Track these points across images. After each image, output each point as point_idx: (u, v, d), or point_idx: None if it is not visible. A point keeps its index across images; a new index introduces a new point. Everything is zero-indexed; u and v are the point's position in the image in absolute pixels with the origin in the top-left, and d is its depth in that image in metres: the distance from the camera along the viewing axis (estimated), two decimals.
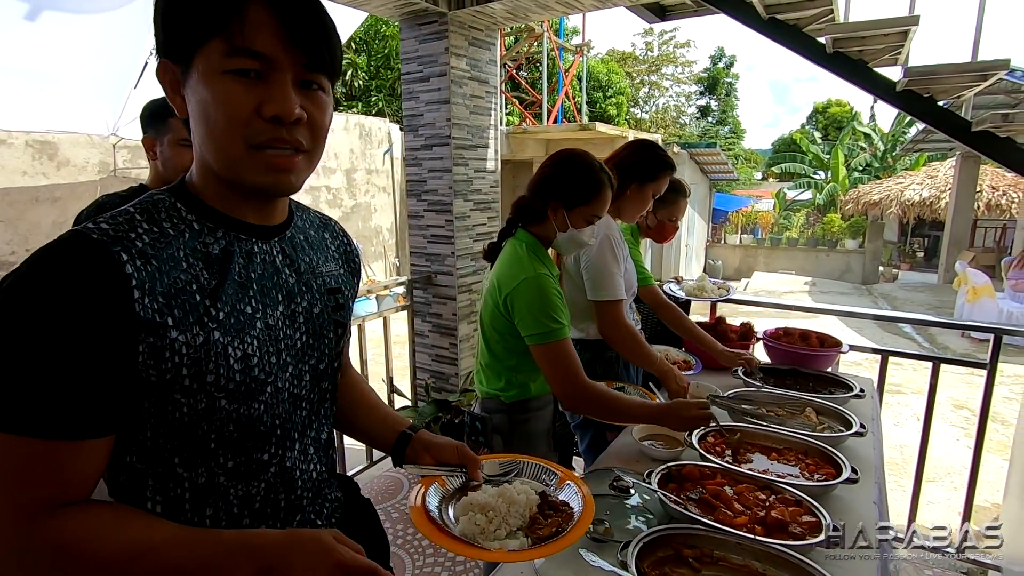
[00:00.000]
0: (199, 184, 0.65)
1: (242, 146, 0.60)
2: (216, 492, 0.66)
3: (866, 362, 4.65)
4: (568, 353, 1.31)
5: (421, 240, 3.32)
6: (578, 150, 1.47)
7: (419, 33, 3.05)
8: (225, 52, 0.57)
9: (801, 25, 2.22)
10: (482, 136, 3.30)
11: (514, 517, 0.87)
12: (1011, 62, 2.00)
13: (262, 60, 0.58)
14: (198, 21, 0.58)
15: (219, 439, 0.64)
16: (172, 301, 0.59)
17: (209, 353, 0.61)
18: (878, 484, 1.30)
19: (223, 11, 0.57)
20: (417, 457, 0.92)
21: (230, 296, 0.64)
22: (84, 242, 0.55)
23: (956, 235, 10.58)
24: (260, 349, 0.66)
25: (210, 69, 0.58)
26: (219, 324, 0.62)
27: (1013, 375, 4.96)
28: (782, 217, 16.25)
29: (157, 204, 0.63)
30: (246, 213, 0.67)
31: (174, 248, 0.61)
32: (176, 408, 0.61)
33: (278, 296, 0.69)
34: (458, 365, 3.31)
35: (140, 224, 0.60)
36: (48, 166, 5.19)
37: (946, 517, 2.88)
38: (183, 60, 0.59)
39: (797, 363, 1.92)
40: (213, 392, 0.62)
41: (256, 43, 0.57)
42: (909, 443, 3.71)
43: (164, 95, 0.64)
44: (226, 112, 0.58)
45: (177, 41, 0.59)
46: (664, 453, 1.37)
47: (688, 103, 27.20)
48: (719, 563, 0.95)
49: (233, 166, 0.61)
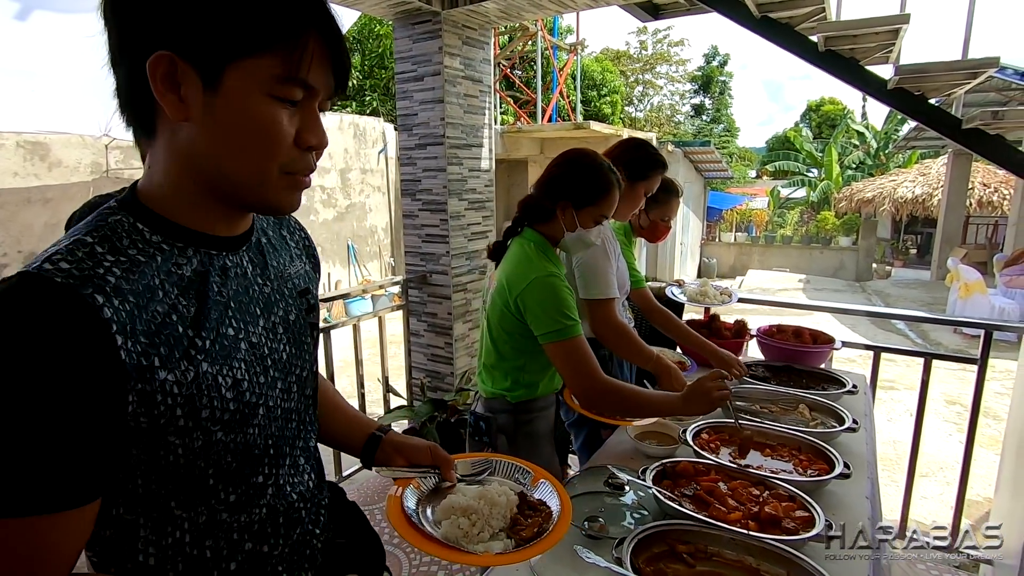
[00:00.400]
0: (161, 196, 0.58)
1: (276, 171, 0.58)
2: (218, 527, 0.63)
3: (859, 359, 4.67)
4: (584, 350, 1.31)
5: (416, 239, 3.32)
6: (588, 150, 1.47)
7: (413, 32, 3.05)
8: (278, 77, 0.54)
9: (793, 23, 2.23)
10: (476, 135, 3.30)
11: (496, 519, 0.87)
12: (1001, 60, 2.02)
13: (309, 91, 0.57)
14: (248, 32, 0.52)
15: (217, 472, 0.61)
16: (155, 339, 0.53)
17: (201, 387, 0.56)
18: (871, 479, 1.31)
19: (282, 32, 0.53)
20: (388, 459, 0.89)
21: (212, 320, 0.59)
22: (47, 287, 0.48)
23: (948, 232, 10.66)
24: (248, 371, 0.62)
25: (253, 88, 0.54)
26: (206, 354, 0.57)
27: (1004, 370, 5.00)
28: (776, 215, 16.32)
29: (115, 228, 0.55)
30: (216, 226, 0.61)
31: (148, 277, 0.54)
32: (170, 451, 0.56)
33: (256, 310, 0.65)
34: (454, 364, 3.31)
35: (104, 257, 0.52)
36: (40, 167, 5.16)
37: (939, 512, 2.91)
38: (208, 64, 0.52)
39: (791, 360, 1.94)
40: (209, 426, 0.58)
41: (311, 76, 0.56)
42: (902, 439, 3.74)
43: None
44: (271, 138, 0.56)
45: (209, 43, 0.52)
46: (659, 450, 1.38)
47: (682, 102, 27.27)
48: (713, 558, 0.96)
49: (259, 187, 0.58)
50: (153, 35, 0.51)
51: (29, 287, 0.48)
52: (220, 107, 0.53)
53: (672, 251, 11.27)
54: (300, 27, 0.53)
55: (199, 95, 0.53)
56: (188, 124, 0.54)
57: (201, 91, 0.53)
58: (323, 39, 0.55)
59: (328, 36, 0.56)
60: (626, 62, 24.60)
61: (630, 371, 1.94)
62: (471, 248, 3.34)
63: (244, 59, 0.52)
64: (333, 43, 0.56)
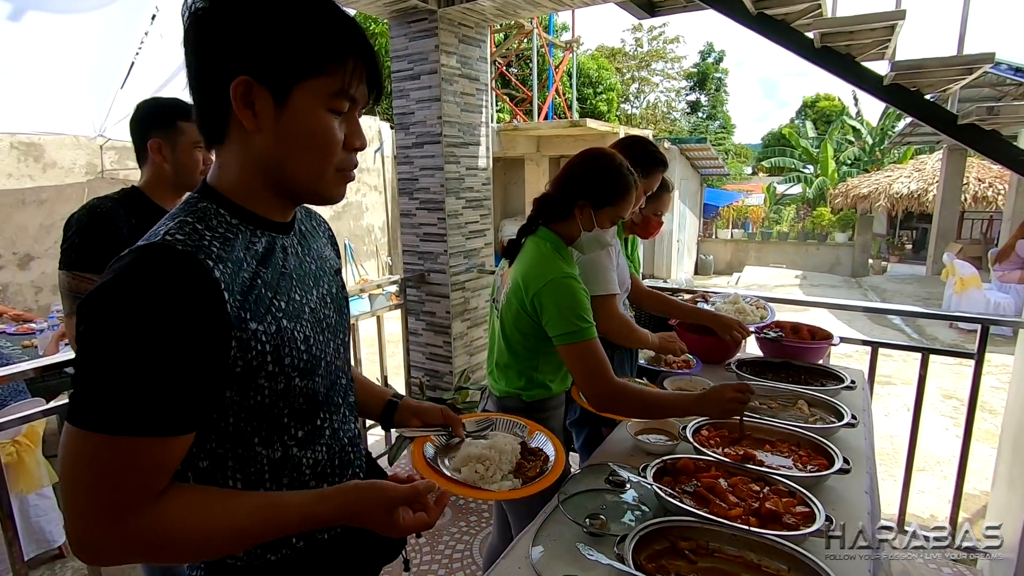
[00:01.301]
0: (232, 189, 0.71)
1: (332, 169, 0.70)
2: (290, 463, 0.75)
3: (856, 354, 4.69)
4: (598, 353, 1.31)
5: (413, 238, 3.31)
6: (608, 150, 1.47)
7: (409, 31, 3.04)
8: (332, 93, 0.66)
9: (789, 20, 2.23)
10: (473, 133, 3.30)
11: (505, 464, 1.05)
12: (996, 55, 2.02)
13: (353, 103, 0.70)
14: (307, 59, 0.65)
15: (291, 413, 0.73)
16: (248, 297, 0.66)
17: (283, 339, 0.69)
18: (869, 474, 1.31)
19: (332, 56, 0.65)
20: (405, 421, 1.06)
21: (283, 287, 0.72)
22: (172, 253, 0.61)
23: (944, 227, 10.69)
24: (313, 330, 0.75)
25: (314, 103, 0.66)
26: (284, 312, 0.70)
27: (1000, 365, 5.03)
28: (772, 211, 16.36)
29: (205, 212, 0.68)
30: (275, 214, 0.74)
31: (237, 250, 0.67)
32: (258, 392, 0.68)
33: (310, 282, 0.78)
34: (452, 363, 3.31)
35: (204, 233, 0.65)
36: (34, 168, 5.13)
37: (936, 506, 2.92)
38: (278, 85, 0.64)
39: (789, 356, 1.94)
40: (290, 372, 0.70)
41: (356, 91, 0.69)
42: (899, 433, 3.75)
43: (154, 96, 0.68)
44: (328, 143, 0.68)
45: (277, 69, 0.64)
46: (659, 447, 1.38)
47: (678, 98, 27.30)
48: (715, 554, 0.97)
49: (318, 183, 0.70)
50: (233, 64, 0.63)
51: (158, 253, 0.61)
52: (287, 120, 0.66)
53: (669, 248, 11.28)
54: (348, 51, 0.66)
55: (271, 110, 0.65)
56: (260, 134, 0.66)
57: (272, 107, 0.65)
58: (364, 60, 0.68)
59: (368, 57, 0.69)
60: (622, 59, 24.60)
61: (630, 367, 1.94)
62: (469, 247, 3.34)
63: (306, 80, 0.65)
64: (371, 63, 0.69)
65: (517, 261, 1.44)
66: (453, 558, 2.34)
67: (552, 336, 1.32)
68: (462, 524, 2.57)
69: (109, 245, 1.44)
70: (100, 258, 1.43)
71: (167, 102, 1.57)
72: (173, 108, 1.54)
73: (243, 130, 0.66)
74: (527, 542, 1.06)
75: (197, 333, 0.60)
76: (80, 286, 1.42)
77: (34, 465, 2.30)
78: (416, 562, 2.31)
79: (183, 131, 1.52)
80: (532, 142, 9.26)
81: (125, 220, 1.48)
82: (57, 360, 1.76)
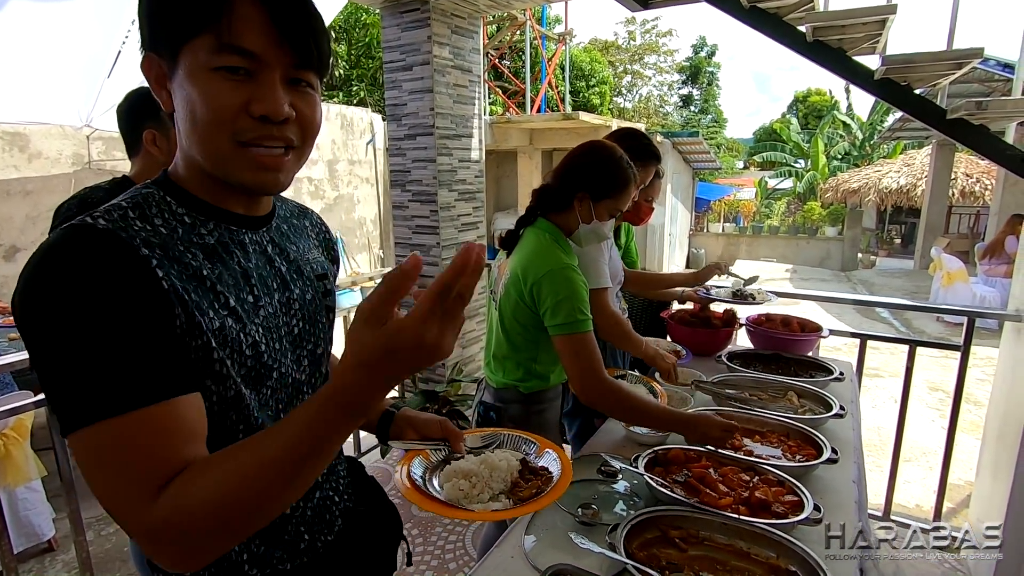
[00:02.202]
0: (185, 177, 0.65)
1: (229, 143, 0.59)
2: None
3: (845, 347, 4.74)
4: (592, 347, 1.31)
5: (406, 231, 3.30)
6: (608, 142, 1.47)
7: (401, 21, 3.01)
8: (213, 49, 0.56)
9: (781, 14, 2.24)
10: (466, 125, 3.29)
11: (496, 482, 0.95)
12: (985, 51, 2.04)
13: (251, 58, 0.57)
14: (185, 16, 0.56)
15: (247, 429, 0.65)
16: (188, 284, 0.59)
17: (226, 338, 0.61)
18: (857, 464, 1.33)
19: (211, 6, 0.56)
20: (401, 433, 0.94)
21: (231, 286, 0.64)
22: (92, 232, 0.55)
23: (932, 222, 10.80)
24: (265, 336, 0.66)
25: (197, 66, 0.57)
26: (229, 311, 0.62)
27: (985, 357, 5.10)
28: (763, 205, 16.43)
29: (147, 198, 0.62)
30: (234, 205, 0.67)
31: (174, 239, 0.61)
32: (208, 397, 0.61)
33: (273, 285, 0.70)
34: None
35: (134, 220, 0.59)
36: (19, 158, 5.05)
37: (922, 495, 2.97)
38: (169, 55, 0.58)
39: (779, 348, 1.96)
40: (234, 376, 0.62)
41: (245, 41, 0.56)
42: (886, 425, 3.80)
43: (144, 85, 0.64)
44: (213, 109, 0.57)
45: (163, 36, 0.58)
46: (651, 438, 1.39)
47: (671, 92, 27.29)
48: (705, 543, 0.98)
49: (220, 163, 0.61)
50: (144, 41, 0.60)
51: (78, 232, 0.54)
52: (177, 91, 0.59)
53: (661, 241, 11.32)
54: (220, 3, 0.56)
55: (167, 80, 0.60)
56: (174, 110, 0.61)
57: (168, 76, 0.60)
58: (256, 2, 0.57)
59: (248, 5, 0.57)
60: (614, 52, 24.53)
61: (623, 358, 1.95)
62: (461, 239, 3.33)
63: (189, 41, 0.57)
64: (270, 5, 0.57)
65: (516, 252, 1.44)
66: (446, 549, 2.35)
67: (548, 326, 1.33)
68: None
69: None
70: None
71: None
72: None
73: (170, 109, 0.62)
74: (520, 532, 1.06)
75: (130, 297, 0.53)
76: None
77: (22, 458, 2.28)
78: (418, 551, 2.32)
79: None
80: (525, 135, 9.23)
81: None
82: None
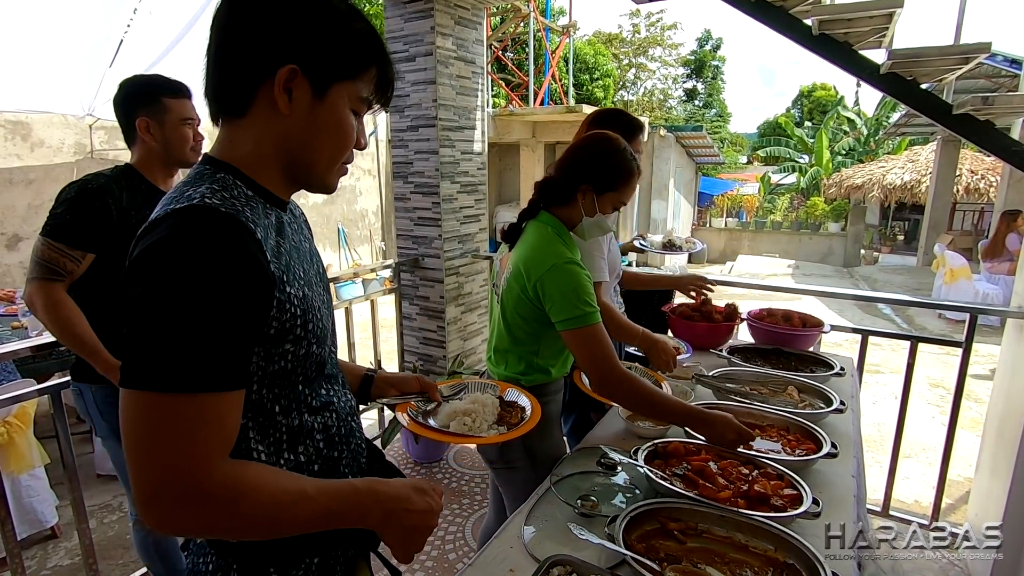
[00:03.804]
0: (248, 163, 0.73)
1: (341, 161, 0.77)
2: (304, 431, 0.76)
3: (846, 343, 4.74)
4: (602, 337, 1.30)
5: (407, 223, 3.30)
6: (612, 134, 1.45)
7: (404, 11, 3.00)
8: (359, 96, 0.74)
9: (787, 7, 2.21)
10: (469, 117, 3.27)
11: (488, 416, 1.17)
12: (992, 46, 2.02)
13: (368, 107, 0.77)
14: (348, 64, 0.72)
15: (305, 380, 0.76)
16: (278, 261, 0.68)
17: (308, 305, 0.72)
18: (856, 459, 1.33)
19: (365, 65, 0.73)
20: (382, 393, 1.08)
21: (296, 260, 0.74)
22: (217, 214, 0.62)
23: (935, 218, 10.75)
24: (318, 301, 0.77)
25: (341, 101, 0.72)
26: (303, 281, 0.73)
27: (987, 354, 5.10)
28: (767, 201, 16.37)
29: (225, 182, 0.69)
30: (281, 192, 0.77)
31: (260, 217, 0.69)
32: (282, 357, 0.71)
33: (308, 258, 0.80)
34: (446, 348, 3.32)
35: (233, 201, 0.66)
36: (22, 147, 5.05)
37: (920, 491, 2.98)
38: (320, 81, 0.70)
39: (780, 343, 1.96)
40: (311, 338, 0.73)
41: (377, 99, 0.77)
42: (886, 421, 3.81)
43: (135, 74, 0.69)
44: (346, 138, 0.75)
45: (323, 66, 0.70)
46: (650, 431, 1.39)
47: (675, 86, 27.14)
48: (703, 535, 0.98)
49: (326, 172, 0.76)
50: (283, 52, 0.68)
51: (203, 214, 0.62)
52: (321, 112, 0.71)
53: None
54: (374, 61, 0.74)
55: (308, 100, 0.70)
56: (290, 118, 0.70)
57: (310, 98, 0.70)
58: (385, 71, 0.76)
59: (389, 69, 0.77)
60: (618, 45, 24.38)
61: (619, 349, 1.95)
62: (463, 231, 3.33)
63: (343, 81, 0.72)
64: (391, 74, 0.77)
65: (518, 246, 1.43)
66: (445, 539, 2.36)
67: (556, 322, 1.31)
68: (454, 506, 2.60)
69: (94, 222, 1.43)
70: (80, 233, 1.43)
71: (150, 79, 1.55)
72: (157, 85, 1.52)
73: (269, 110, 0.70)
74: (519, 522, 1.07)
75: (249, 289, 0.62)
76: (52, 256, 1.42)
77: (25, 446, 2.29)
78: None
79: (169, 108, 1.51)
80: (528, 127, 9.19)
81: (116, 197, 1.47)
82: (47, 341, 1.75)
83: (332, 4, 0.71)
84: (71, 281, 1.45)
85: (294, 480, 0.66)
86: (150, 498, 0.58)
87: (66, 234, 1.42)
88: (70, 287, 1.45)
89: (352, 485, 0.70)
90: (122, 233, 1.47)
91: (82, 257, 1.45)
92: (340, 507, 0.68)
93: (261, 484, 0.62)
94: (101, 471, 2.91)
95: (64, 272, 1.43)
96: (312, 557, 0.78)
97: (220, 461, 0.61)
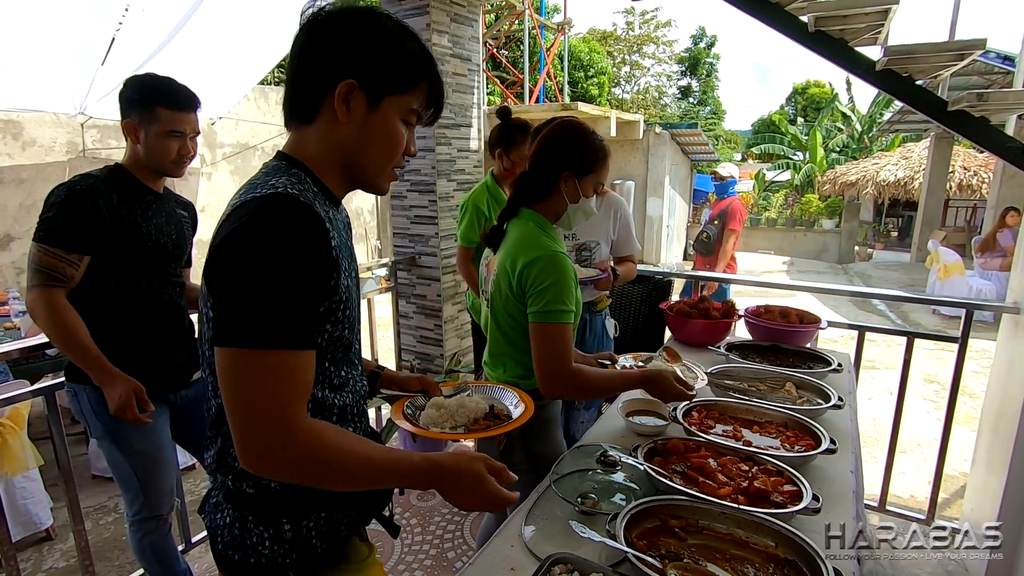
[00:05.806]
0: (314, 164, 0.84)
1: (391, 166, 0.87)
2: (324, 406, 0.85)
3: (842, 339, 4.76)
4: (566, 339, 1.29)
5: (404, 221, 3.29)
6: (575, 119, 1.46)
7: (400, 8, 2.98)
8: (409, 108, 0.83)
9: (783, 3, 2.21)
10: (465, 115, 3.26)
11: (460, 417, 1.13)
12: (987, 42, 2.02)
13: (418, 119, 0.87)
14: (401, 79, 0.81)
15: (332, 360, 0.85)
16: (338, 251, 0.78)
17: (351, 293, 0.84)
18: (854, 454, 1.34)
19: (416, 80, 0.83)
20: (387, 388, 1.18)
21: (343, 252, 0.83)
22: (298, 202, 0.73)
23: (929, 215, 10.81)
24: (355, 293, 0.87)
25: (392, 112, 0.82)
26: (347, 272, 0.83)
27: (981, 350, 5.12)
28: (761, 198, 16.43)
29: (299, 177, 0.80)
30: (338, 192, 0.88)
31: (323, 211, 0.79)
32: (321, 336, 0.80)
33: (351, 255, 0.89)
34: (443, 346, 3.31)
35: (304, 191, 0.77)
36: (13, 146, 5.00)
37: (916, 486, 2.99)
38: (375, 93, 0.80)
39: (778, 339, 1.97)
40: (346, 323, 0.83)
41: (427, 112, 0.87)
42: (882, 416, 3.83)
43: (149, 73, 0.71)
44: (396, 145, 0.85)
45: (379, 81, 0.80)
46: (650, 428, 1.39)
47: (669, 83, 27.16)
48: (704, 532, 0.98)
49: (377, 175, 0.87)
50: (344, 67, 0.79)
51: (289, 201, 0.73)
52: (375, 121, 0.82)
53: (659, 233, 11.31)
54: (425, 78, 0.84)
55: (363, 110, 0.81)
56: (348, 126, 0.81)
57: (365, 108, 0.81)
58: (435, 86, 0.86)
59: (439, 84, 0.87)
60: (613, 43, 24.37)
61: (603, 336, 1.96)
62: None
63: (395, 95, 0.82)
64: (441, 88, 0.88)
65: (502, 247, 1.42)
66: (444, 538, 2.36)
67: (529, 311, 1.31)
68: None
69: (87, 224, 1.41)
70: (75, 236, 1.41)
71: (154, 85, 1.50)
72: (156, 92, 1.49)
73: (331, 118, 0.80)
74: (519, 521, 1.07)
75: (321, 268, 0.74)
76: (50, 262, 1.40)
77: (19, 447, 2.27)
78: (408, 541, 2.33)
79: (159, 118, 1.48)
80: None
81: (106, 198, 1.45)
82: (40, 342, 1.73)
83: (386, 26, 0.81)
84: (71, 286, 1.43)
85: (362, 443, 0.76)
86: (247, 439, 0.69)
87: (61, 238, 1.40)
88: (68, 293, 1.44)
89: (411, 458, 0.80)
90: (115, 233, 1.45)
91: (80, 260, 1.43)
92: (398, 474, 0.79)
93: (338, 439, 0.73)
94: (96, 472, 2.89)
95: (64, 277, 1.41)
96: (320, 512, 0.86)
97: (302, 409, 0.72)
